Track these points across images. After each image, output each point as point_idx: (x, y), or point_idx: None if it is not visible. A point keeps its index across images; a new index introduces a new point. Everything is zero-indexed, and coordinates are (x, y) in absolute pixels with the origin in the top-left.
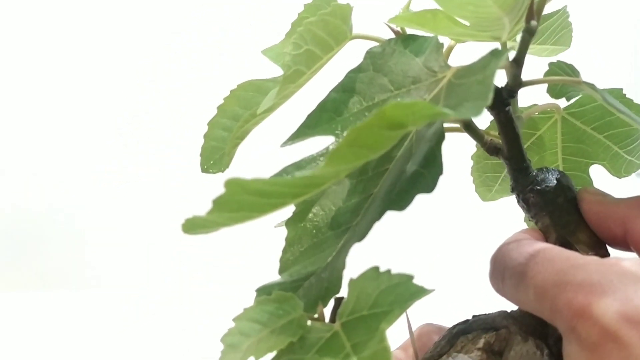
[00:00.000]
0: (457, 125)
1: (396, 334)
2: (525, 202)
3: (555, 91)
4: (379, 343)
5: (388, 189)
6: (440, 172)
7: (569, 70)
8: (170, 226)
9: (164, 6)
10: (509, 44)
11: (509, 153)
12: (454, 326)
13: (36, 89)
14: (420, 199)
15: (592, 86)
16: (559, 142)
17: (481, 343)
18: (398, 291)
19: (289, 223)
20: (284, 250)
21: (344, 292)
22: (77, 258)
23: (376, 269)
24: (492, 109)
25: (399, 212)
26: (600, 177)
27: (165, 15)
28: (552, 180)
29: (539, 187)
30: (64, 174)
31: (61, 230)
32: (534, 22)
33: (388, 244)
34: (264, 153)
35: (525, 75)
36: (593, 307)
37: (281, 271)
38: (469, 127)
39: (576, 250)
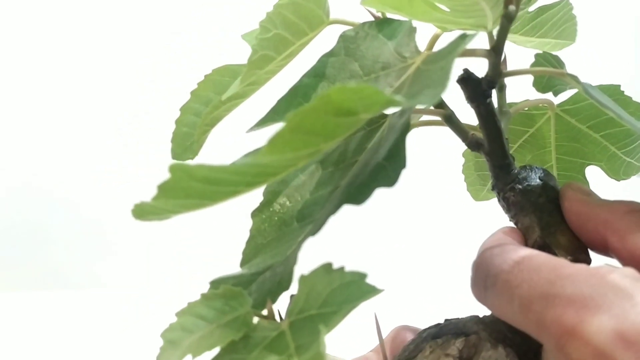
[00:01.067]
0: (439, 118)
1: (372, 336)
2: (505, 201)
3: (541, 84)
4: (317, 347)
5: (350, 181)
6: (403, 166)
7: (554, 61)
8: (170, 226)
9: (164, 6)
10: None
11: (490, 148)
12: (424, 330)
13: (36, 87)
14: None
15: (575, 78)
16: (552, 141)
17: (450, 349)
18: (349, 290)
19: (254, 214)
20: (247, 242)
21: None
22: (77, 258)
23: (329, 265)
24: (472, 101)
25: (356, 206)
26: (598, 180)
27: (166, 15)
28: (535, 179)
29: (520, 186)
30: (64, 173)
31: (61, 230)
32: (512, 7)
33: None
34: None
35: None
36: (585, 324)
37: (242, 264)
38: (450, 121)
39: (554, 254)
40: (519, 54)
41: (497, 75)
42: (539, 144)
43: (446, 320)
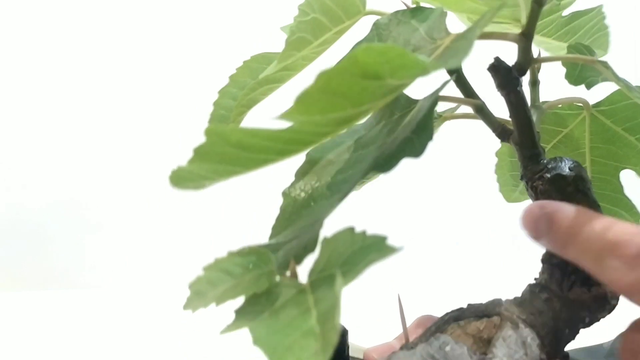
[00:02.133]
0: (471, 110)
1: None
2: (533, 190)
3: (573, 76)
4: (333, 298)
5: (378, 152)
6: (430, 138)
7: (585, 51)
8: (170, 226)
9: None
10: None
11: (520, 137)
12: (447, 314)
13: (35, 88)
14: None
15: (605, 64)
16: (587, 142)
17: (470, 329)
18: (370, 251)
19: (285, 192)
20: (277, 219)
21: None
22: (77, 258)
23: (351, 229)
24: (502, 88)
25: (383, 173)
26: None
27: (201, 7)
28: (564, 169)
29: (548, 175)
30: (64, 173)
31: (61, 230)
32: None
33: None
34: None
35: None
36: None
37: (271, 238)
38: (481, 111)
39: None
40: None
41: (527, 61)
42: (573, 145)
43: (469, 304)
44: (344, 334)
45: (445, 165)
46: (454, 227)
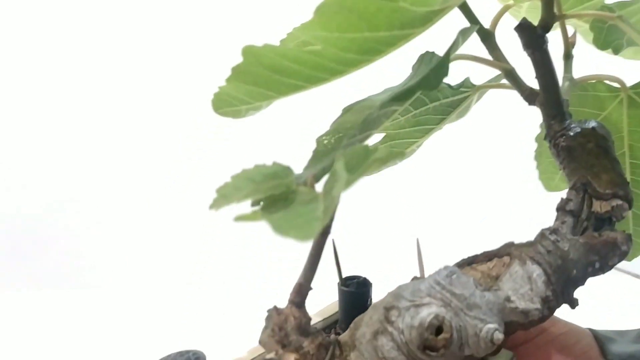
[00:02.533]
0: (499, 76)
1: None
2: (555, 148)
3: (600, 40)
4: (339, 187)
5: (399, 88)
6: (445, 74)
7: (609, 10)
8: (170, 226)
9: None
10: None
11: (544, 96)
12: (463, 259)
13: (35, 88)
14: None
15: (624, 19)
16: (625, 125)
17: (480, 268)
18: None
19: (318, 139)
20: (308, 161)
21: None
22: (77, 258)
23: (366, 146)
24: (528, 47)
25: (398, 103)
26: None
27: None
28: (586, 128)
29: (571, 133)
30: (64, 174)
31: (61, 230)
32: None
33: None
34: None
35: None
36: None
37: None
38: (510, 75)
39: (594, 189)
40: None
41: (550, 17)
42: (611, 128)
43: (483, 251)
44: (367, 285)
45: (475, 144)
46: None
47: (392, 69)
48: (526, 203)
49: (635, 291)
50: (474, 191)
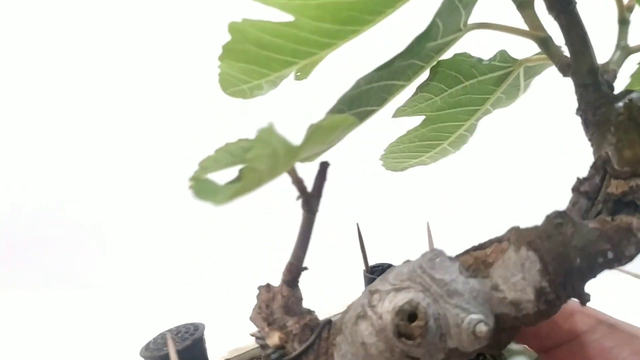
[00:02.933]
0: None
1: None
2: (585, 122)
3: None
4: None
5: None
6: (428, 38)
7: None
8: (170, 226)
9: None
10: None
11: (574, 64)
12: (472, 246)
13: (35, 88)
14: None
15: None
16: None
17: (477, 254)
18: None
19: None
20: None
21: None
22: (77, 258)
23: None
24: (552, 10)
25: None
26: None
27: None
28: (621, 100)
29: (603, 107)
30: (64, 174)
31: (61, 230)
32: None
33: None
34: None
35: None
36: None
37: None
38: (545, 44)
39: (613, 168)
40: None
41: None
42: None
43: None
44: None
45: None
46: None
47: None
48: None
49: (635, 291)
50: (505, 177)
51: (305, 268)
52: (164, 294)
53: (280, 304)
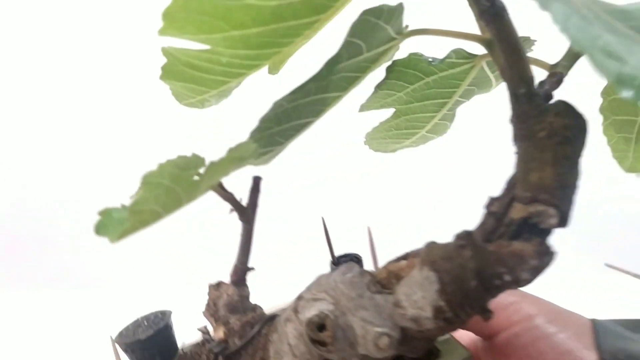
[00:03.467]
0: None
1: None
2: (514, 135)
3: None
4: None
5: None
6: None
7: None
8: (170, 226)
9: None
10: None
11: (507, 73)
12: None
13: (35, 88)
14: None
15: None
16: None
17: (393, 267)
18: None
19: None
20: None
21: None
22: (77, 258)
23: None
24: (482, 18)
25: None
26: None
27: None
28: (550, 112)
29: (529, 119)
30: (64, 174)
31: (61, 230)
32: None
33: None
34: None
35: None
36: None
37: None
38: (489, 46)
39: (517, 189)
40: None
41: None
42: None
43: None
44: (359, 261)
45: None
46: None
47: None
48: None
49: (636, 291)
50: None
51: (251, 269)
52: (164, 293)
53: (225, 302)
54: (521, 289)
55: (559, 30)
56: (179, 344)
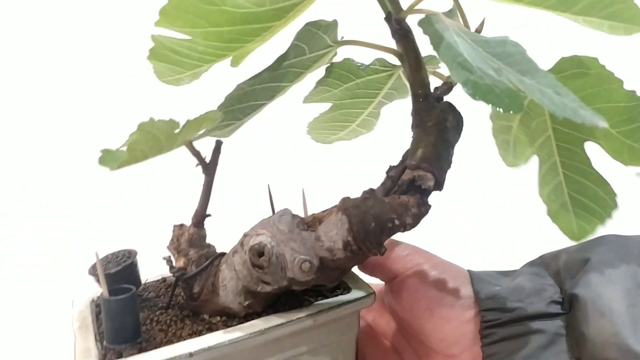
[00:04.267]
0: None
1: None
2: (412, 123)
3: None
4: None
5: None
6: (284, 58)
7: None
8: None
9: None
10: None
11: (411, 79)
12: None
13: (35, 88)
14: None
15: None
16: (546, 109)
17: (318, 214)
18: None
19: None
20: None
21: None
22: (77, 258)
23: (211, 113)
24: (394, 37)
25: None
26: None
27: None
28: (434, 111)
29: (422, 113)
30: (64, 173)
31: (61, 229)
32: None
33: None
34: None
35: None
36: None
37: None
38: (400, 58)
39: (407, 160)
40: None
41: (397, 11)
42: (537, 110)
43: None
44: None
45: None
46: None
47: None
48: None
49: None
50: None
51: (209, 215)
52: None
53: (187, 239)
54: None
55: (436, 54)
56: (142, 280)
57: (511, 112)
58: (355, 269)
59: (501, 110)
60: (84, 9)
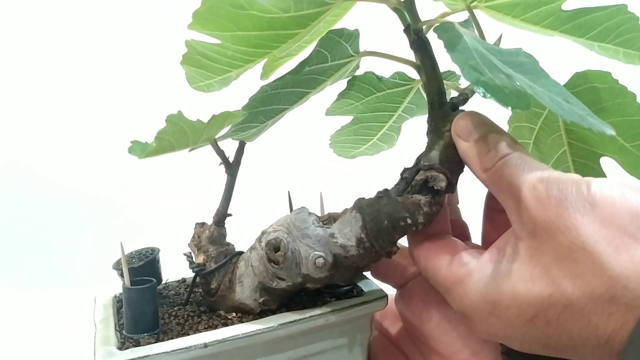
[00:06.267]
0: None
1: None
2: (428, 129)
3: None
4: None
5: None
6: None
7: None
8: (170, 225)
9: None
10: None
11: (428, 87)
12: None
13: (35, 88)
14: None
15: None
16: (561, 124)
17: (333, 213)
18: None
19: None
20: None
21: None
22: (77, 258)
23: (234, 112)
24: (412, 47)
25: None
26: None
27: None
28: (450, 117)
29: (438, 119)
30: (64, 173)
31: (61, 230)
32: None
33: None
34: None
35: None
36: None
37: None
38: (418, 69)
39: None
40: None
41: (415, 21)
42: (552, 127)
43: None
44: None
45: None
46: None
47: None
48: None
49: None
50: None
51: (229, 214)
52: None
53: (207, 236)
54: None
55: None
56: (164, 280)
57: (518, 110)
58: (367, 275)
59: (509, 108)
60: (83, 9)
